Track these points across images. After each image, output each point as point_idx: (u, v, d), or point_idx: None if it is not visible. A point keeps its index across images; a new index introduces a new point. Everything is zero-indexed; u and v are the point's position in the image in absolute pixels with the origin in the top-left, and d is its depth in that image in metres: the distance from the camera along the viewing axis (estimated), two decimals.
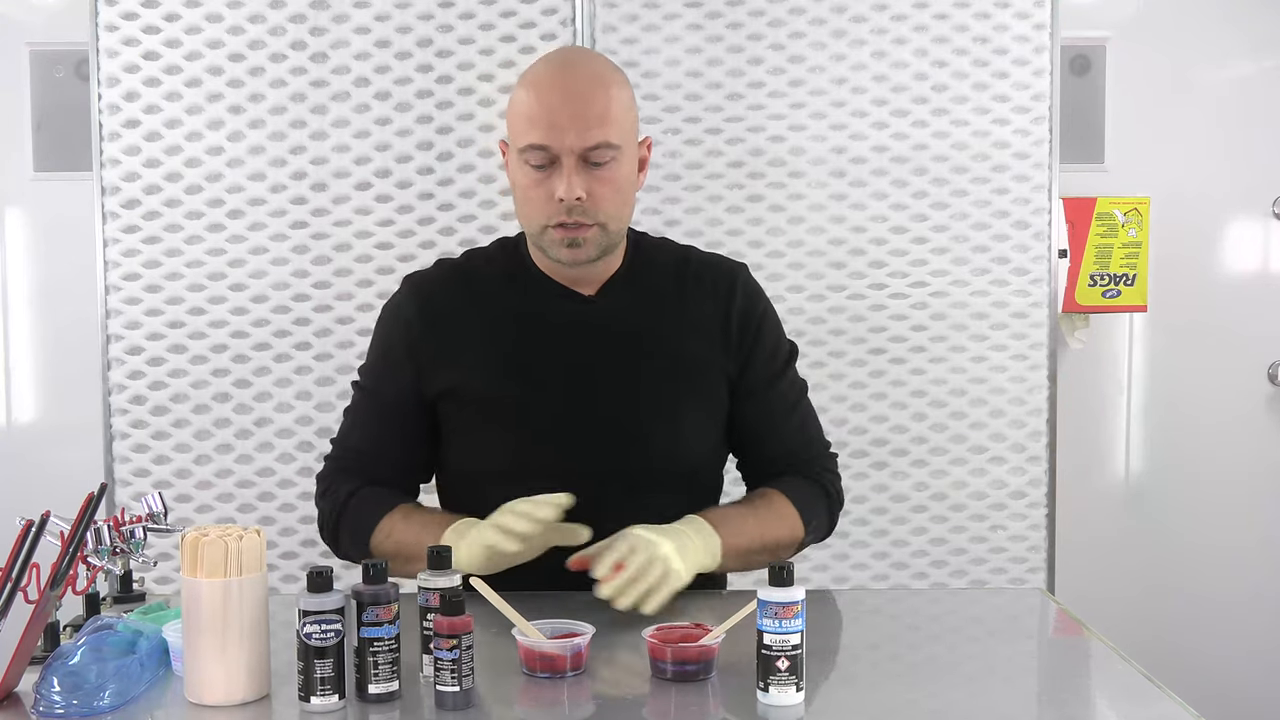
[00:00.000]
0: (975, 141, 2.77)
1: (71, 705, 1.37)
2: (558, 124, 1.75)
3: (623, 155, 1.79)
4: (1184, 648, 3.24)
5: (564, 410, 1.84)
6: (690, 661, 1.45)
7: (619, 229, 1.83)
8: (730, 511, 1.83)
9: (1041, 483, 2.82)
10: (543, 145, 1.76)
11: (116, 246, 2.72)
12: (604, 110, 1.76)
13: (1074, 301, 3.15)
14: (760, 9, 2.74)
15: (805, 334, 2.77)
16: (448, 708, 1.37)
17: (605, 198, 1.78)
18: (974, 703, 1.46)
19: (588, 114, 1.75)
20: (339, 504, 1.86)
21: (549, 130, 1.75)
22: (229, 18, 2.70)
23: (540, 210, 1.79)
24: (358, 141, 2.72)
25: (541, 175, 1.77)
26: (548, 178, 1.77)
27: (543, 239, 1.82)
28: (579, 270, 1.86)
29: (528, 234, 1.87)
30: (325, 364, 2.74)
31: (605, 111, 1.76)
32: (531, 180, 1.78)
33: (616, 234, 1.83)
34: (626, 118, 1.80)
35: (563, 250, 1.80)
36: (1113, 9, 3.23)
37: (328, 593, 1.38)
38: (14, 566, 1.46)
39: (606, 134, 1.76)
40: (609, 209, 1.79)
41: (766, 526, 1.82)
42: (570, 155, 1.75)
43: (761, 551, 1.80)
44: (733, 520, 1.79)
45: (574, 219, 1.77)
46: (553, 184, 1.76)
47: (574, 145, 1.75)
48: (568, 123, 1.75)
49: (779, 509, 1.85)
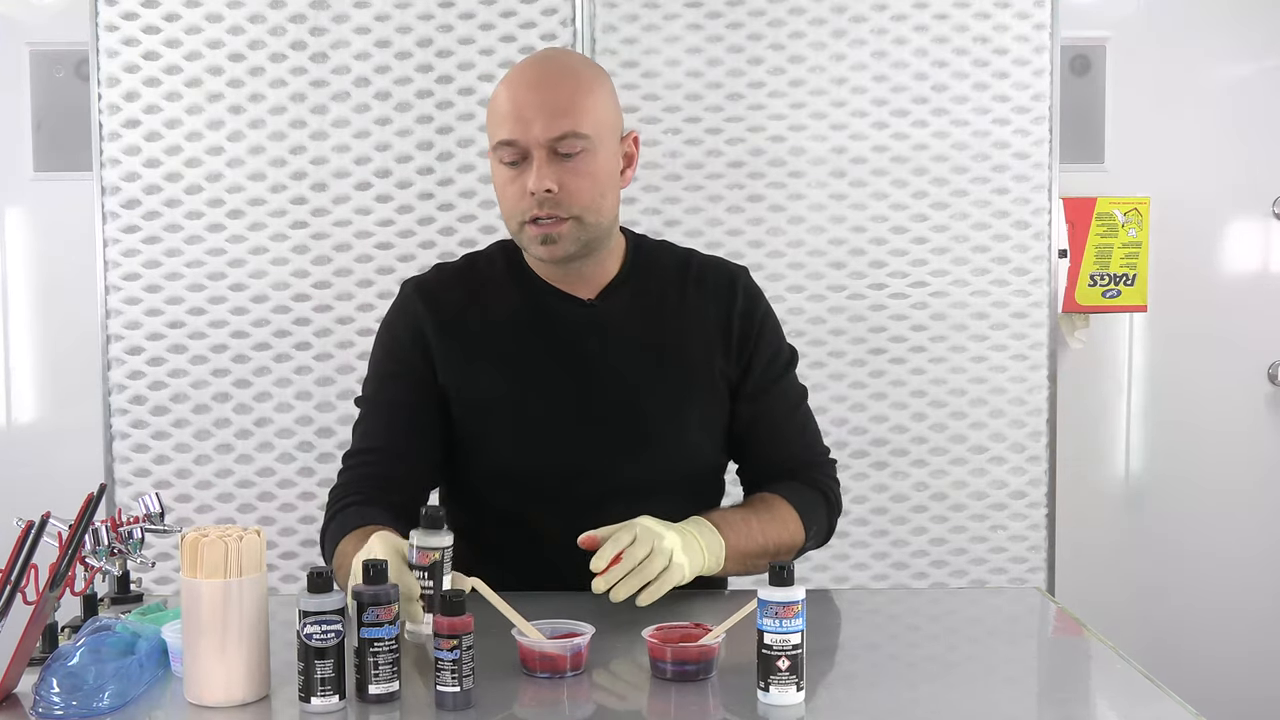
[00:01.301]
0: (975, 141, 2.78)
1: (71, 706, 1.37)
2: (524, 117, 1.73)
3: (596, 147, 1.76)
4: (1184, 647, 3.24)
5: (565, 415, 1.84)
6: (690, 661, 1.45)
7: (597, 222, 1.79)
8: (733, 514, 1.82)
9: (1041, 483, 2.82)
10: (511, 140, 1.75)
11: (116, 246, 2.72)
12: (570, 100, 1.74)
13: (1074, 301, 3.15)
14: (760, 9, 2.74)
15: (805, 334, 2.77)
16: (448, 708, 1.37)
17: (579, 190, 1.75)
18: (974, 703, 1.46)
19: (554, 104, 1.73)
20: (326, 522, 1.83)
21: (516, 124, 1.74)
22: (229, 18, 2.70)
23: (514, 207, 1.77)
24: (358, 141, 2.72)
25: (515, 172, 1.76)
26: (520, 174, 1.76)
27: (521, 237, 1.81)
28: (570, 271, 1.84)
29: (511, 235, 1.85)
30: (325, 364, 2.74)
31: (572, 102, 1.74)
32: (506, 178, 1.77)
33: (595, 228, 1.79)
34: (600, 109, 1.77)
35: (538, 247, 1.78)
36: (1113, 9, 3.23)
37: (328, 593, 1.38)
38: (14, 568, 1.46)
39: (575, 123, 1.74)
40: (583, 200, 1.76)
41: (769, 530, 1.81)
42: (539, 148, 1.73)
43: (763, 555, 1.80)
44: (736, 523, 1.78)
45: (546, 212, 1.75)
46: (524, 179, 1.75)
47: (540, 136, 1.73)
48: (534, 114, 1.73)
49: (780, 513, 1.84)
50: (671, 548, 1.64)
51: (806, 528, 1.86)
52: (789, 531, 1.84)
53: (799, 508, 1.86)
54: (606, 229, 1.83)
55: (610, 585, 1.59)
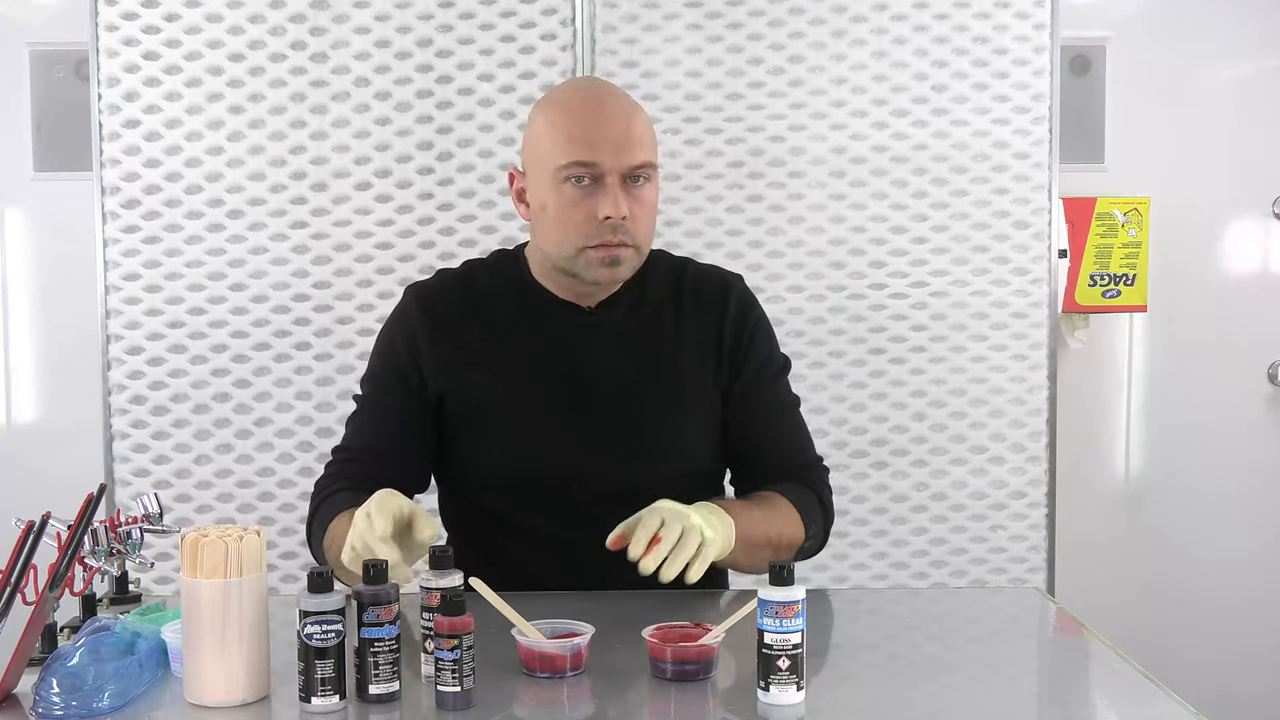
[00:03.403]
0: (975, 141, 2.78)
1: (71, 706, 1.37)
2: (601, 142, 1.76)
3: (656, 177, 1.82)
4: (1183, 647, 3.24)
5: (562, 421, 1.84)
6: (690, 661, 1.45)
7: (647, 251, 1.85)
8: (736, 504, 1.82)
9: (1041, 483, 2.82)
10: (589, 162, 1.76)
11: (116, 246, 2.72)
12: (642, 132, 1.80)
13: (1074, 301, 3.15)
14: (760, 9, 2.74)
15: (805, 334, 2.77)
16: (448, 708, 1.37)
17: (642, 219, 1.80)
18: (974, 703, 1.46)
19: (631, 134, 1.77)
20: (312, 510, 1.85)
21: (593, 148, 1.75)
22: (229, 18, 2.70)
23: (579, 231, 1.78)
24: (357, 141, 2.72)
25: (581, 194, 1.77)
26: (589, 198, 1.77)
27: (577, 261, 1.80)
28: (585, 289, 1.86)
29: (557, 257, 1.82)
30: (325, 364, 2.74)
31: (644, 133, 1.80)
32: (570, 200, 1.77)
33: (644, 257, 1.85)
34: (654, 143, 1.83)
35: (601, 270, 1.79)
36: (1113, 9, 3.23)
37: (328, 593, 1.38)
38: (14, 568, 1.46)
39: (649, 154, 1.79)
40: (645, 230, 1.81)
41: (773, 521, 1.81)
42: (614, 174, 1.76)
43: (767, 546, 1.79)
44: (740, 511, 1.78)
45: (618, 238, 1.77)
46: (595, 203, 1.76)
47: (621, 164, 1.76)
48: (612, 142, 1.76)
49: (781, 508, 1.84)
50: (700, 524, 1.63)
51: (806, 525, 1.86)
52: (790, 526, 1.84)
53: (798, 505, 1.86)
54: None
55: (659, 563, 1.58)
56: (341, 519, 1.71)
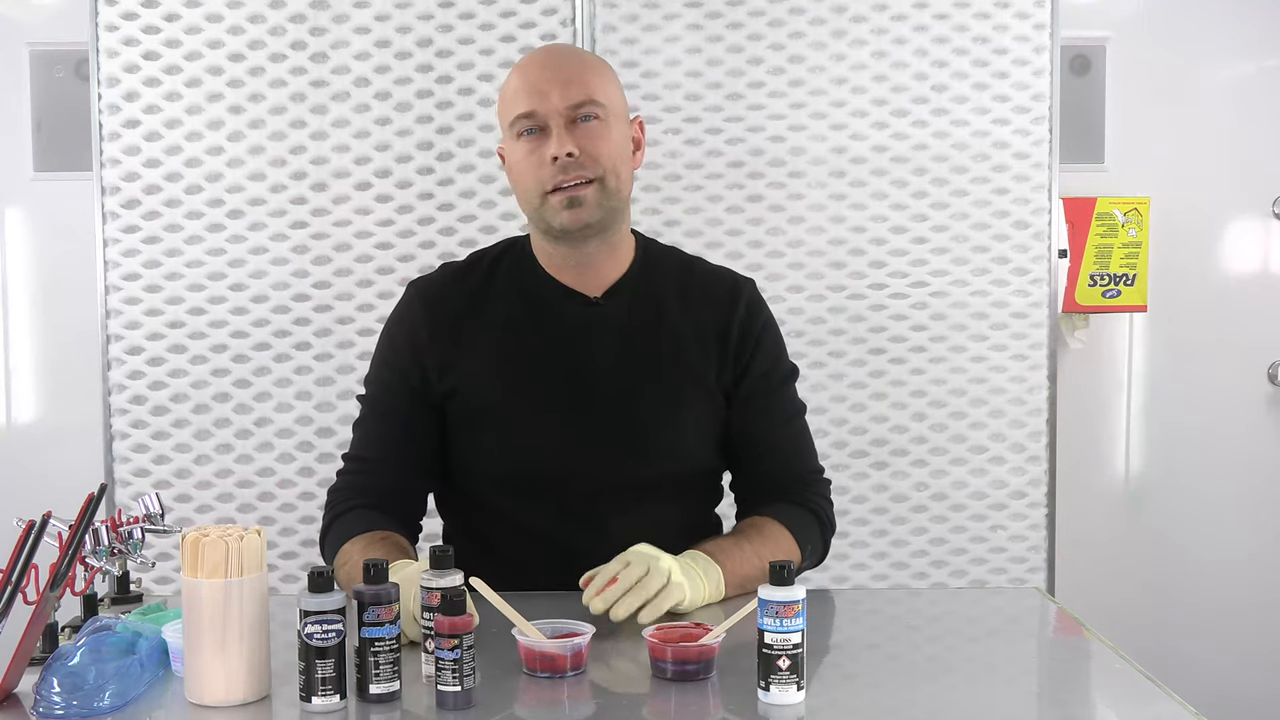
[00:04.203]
0: (975, 141, 2.78)
1: (71, 706, 1.37)
2: (541, 89, 1.78)
3: (611, 117, 1.81)
4: (1183, 647, 3.24)
5: (562, 421, 1.84)
6: (690, 661, 1.45)
7: (617, 188, 1.81)
8: (725, 542, 1.81)
9: (1041, 483, 2.82)
10: (529, 112, 1.78)
11: (116, 246, 2.72)
12: (582, 73, 1.80)
13: (1074, 301, 3.15)
14: (760, 9, 2.74)
15: (805, 334, 2.77)
16: (448, 708, 1.37)
17: (599, 152, 1.79)
18: (974, 703, 1.46)
19: (569, 76, 1.79)
20: (328, 524, 1.86)
21: (532, 96, 1.78)
22: (229, 18, 2.70)
23: (534, 177, 1.79)
24: (357, 141, 2.72)
25: (533, 144, 1.79)
26: (539, 145, 1.79)
27: (543, 210, 1.81)
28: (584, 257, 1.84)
29: (529, 214, 1.85)
30: (325, 364, 2.74)
31: (585, 75, 1.80)
32: (524, 152, 1.80)
33: (615, 195, 1.81)
34: (610, 86, 1.83)
35: (563, 214, 1.79)
36: (1113, 9, 3.23)
37: (329, 593, 1.38)
38: (14, 568, 1.46)
39: (590, 92, 1.79)
40: (605, 162, 1.79)
41: (763, 552, 1.79)
42: (557, 116, 1.78)
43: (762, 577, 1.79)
44: (730, 550, 1.78)
45: (571, 176, 1.77)
46: (544, 149, 1.78)
47: (559, 105, 1.77)
48: (550, 86, 1.78)
49: (773, 534, 1.83)
50: (669, 568, 1.63)
51: (801, 545, 1.85)
52: (783, 550, 1.82)
53: (791, 527, 1.85)
54: (624, 200, 1.85)
55: (609, 605, 1.58)
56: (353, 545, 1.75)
